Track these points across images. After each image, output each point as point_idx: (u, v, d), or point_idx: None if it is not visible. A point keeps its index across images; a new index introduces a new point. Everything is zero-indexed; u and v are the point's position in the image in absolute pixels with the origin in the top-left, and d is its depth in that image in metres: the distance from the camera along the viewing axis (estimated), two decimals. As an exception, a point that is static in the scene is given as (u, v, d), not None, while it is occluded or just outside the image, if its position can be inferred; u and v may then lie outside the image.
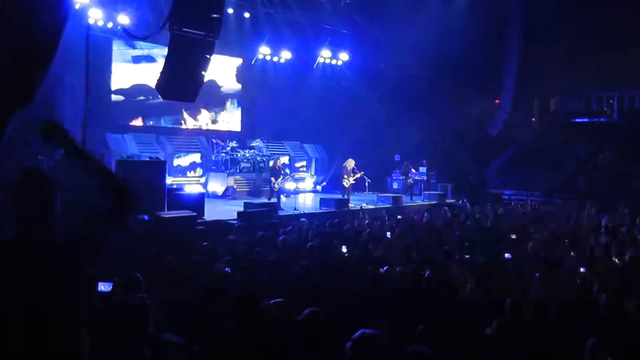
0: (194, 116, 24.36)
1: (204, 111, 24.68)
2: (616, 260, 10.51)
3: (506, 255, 10.69)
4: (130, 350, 4.63)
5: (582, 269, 9.16)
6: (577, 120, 31.89)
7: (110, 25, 19.72)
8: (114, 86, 21.84)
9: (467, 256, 10.62)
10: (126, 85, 22.19)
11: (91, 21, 18.76)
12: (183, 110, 23.70)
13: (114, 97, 21.92)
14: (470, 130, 28.74)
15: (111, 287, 7.11)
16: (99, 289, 6.70)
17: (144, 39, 20.38)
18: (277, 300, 6.03)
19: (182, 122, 24.03)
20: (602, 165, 27.33)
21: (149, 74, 21.26)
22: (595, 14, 26.22)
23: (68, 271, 2.76)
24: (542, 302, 6.85)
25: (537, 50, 27.83)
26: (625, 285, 8.25)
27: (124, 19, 19.47)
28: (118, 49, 21.85)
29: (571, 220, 17.09)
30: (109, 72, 21.59)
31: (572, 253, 11.03)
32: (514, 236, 13.40)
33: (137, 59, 22.50)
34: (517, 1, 28.67)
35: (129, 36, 19.85)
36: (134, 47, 22.30)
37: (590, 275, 8.65)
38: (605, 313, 6.56)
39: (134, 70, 22.40)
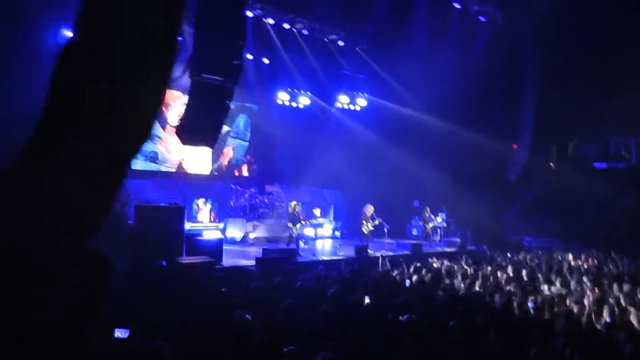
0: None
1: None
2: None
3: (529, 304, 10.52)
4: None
5: (608, 319, 8.95)
6: (596, 164, 31.76)
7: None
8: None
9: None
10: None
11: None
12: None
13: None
14: (489, 176, 28.60)
15: (128, 334, 7.05)
16: (116, 335, 6.63)
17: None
18: (291, 348, 5.93)
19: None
20: (621, 209, 27.06)
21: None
22: (612, 57, 26.29)
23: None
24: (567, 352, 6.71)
25: (555, 95, 27.82)
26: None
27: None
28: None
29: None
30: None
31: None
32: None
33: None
34: (533, 45, 28.77)
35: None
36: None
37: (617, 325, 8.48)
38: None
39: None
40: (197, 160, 23.85)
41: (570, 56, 27.35)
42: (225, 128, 22.52)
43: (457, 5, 26.20)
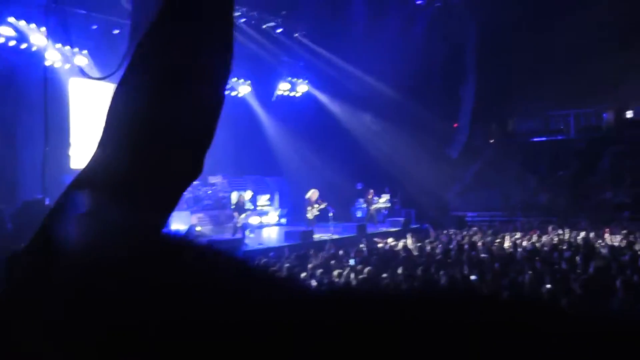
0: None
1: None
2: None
3: (471, 277, 10.72)
4: None
5: (547, 285, 9.17)
6: (536, 139, 32.50)
7: (67, 66, 19.64)
8: (73, 128, 21.44)
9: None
10: (86, 126, 21.78)
11: (49, 63, 18.57)
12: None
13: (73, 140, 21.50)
14: (432, 154, 28.98)
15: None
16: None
17: (102, 79, 20.16)
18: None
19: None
20: (561, 181, 27.76)
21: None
22: (549, 35, 26.88)
23: None
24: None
25: (494, 73, 28.30)
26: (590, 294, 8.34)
27: (81, 60, 19.37)
28: (77, 90, 21.49)
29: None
30: (68, 114, 21.23)
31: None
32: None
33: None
34: (472, 26, 29.15)
35: (87, 77, 19.69)
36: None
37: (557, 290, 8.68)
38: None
39: (94, 111, 22.02)
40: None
41: (507, 36, 27.85)
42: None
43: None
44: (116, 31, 20.53)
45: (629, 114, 31.95)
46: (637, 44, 25.57)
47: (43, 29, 18.24)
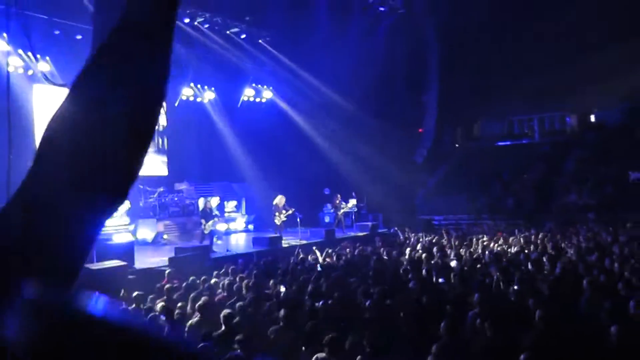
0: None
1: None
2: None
3: (440, 280, 10.79)
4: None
5: (515, 286, 9.25)
6: (500, 143, 32.92)
7: (30, 72, 19.41)
8: (37, 135, 21.11)
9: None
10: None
11: (11, 69, 18.28)
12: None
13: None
14: (397, 159, 29.15)
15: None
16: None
17: (65, 85, 19.93)
18: (204, 344, 5.88)
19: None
20: (527, 184, 28.08)
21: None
22: (513, 41, 27.31)
23: None
24: (480, 321, 6.90)
25: (457, 78, 28.57)
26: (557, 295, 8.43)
27: (44, 66, 19.15)
28: (41, 96, 21.19)
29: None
30: (32, 121, 20.91)
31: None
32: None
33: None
34: (434, 31, 29.41)
35: (51, 84, 19.46)
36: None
37: (524, 290, 8.76)
38: (540, 327, 6.63)
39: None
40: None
41: (472, 41, 28.18)
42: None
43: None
44: (79, 37, 20.27)
45: (592, 118, 32.52)
46: (599, 49, 26.05)
47: (4, 35, 17.99)
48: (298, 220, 22.20)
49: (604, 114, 31.43)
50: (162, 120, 25.24)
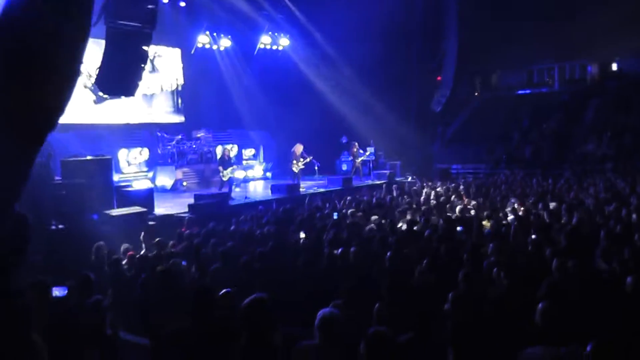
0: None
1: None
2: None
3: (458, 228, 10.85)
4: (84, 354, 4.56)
5: (533, 236, 9.27)
6: (520, 92, 32.61)
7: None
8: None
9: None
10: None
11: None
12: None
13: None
14: (415, 108, 29.01)
15: (66, 292, 6.98)
16: (54, 294, 6.55)
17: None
18: (226, 290, 6.00)
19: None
20: (545, 133, 27.91)
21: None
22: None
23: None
24: (494, 271, 6.96)
25: (476, 27, 28.14)
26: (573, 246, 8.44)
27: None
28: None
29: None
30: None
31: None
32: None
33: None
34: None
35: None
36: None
37: (541, 240, 8.77)
38: (557, 277, 6.66)
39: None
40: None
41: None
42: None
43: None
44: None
45: (614, 67, 32.01)
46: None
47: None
48: (315, 168, 22.29)
49: (625, 63, 30.92)
50: (179, 79, 25.21)
